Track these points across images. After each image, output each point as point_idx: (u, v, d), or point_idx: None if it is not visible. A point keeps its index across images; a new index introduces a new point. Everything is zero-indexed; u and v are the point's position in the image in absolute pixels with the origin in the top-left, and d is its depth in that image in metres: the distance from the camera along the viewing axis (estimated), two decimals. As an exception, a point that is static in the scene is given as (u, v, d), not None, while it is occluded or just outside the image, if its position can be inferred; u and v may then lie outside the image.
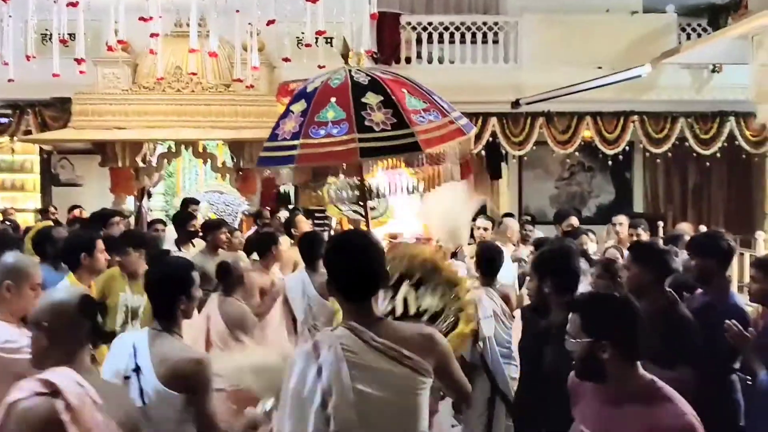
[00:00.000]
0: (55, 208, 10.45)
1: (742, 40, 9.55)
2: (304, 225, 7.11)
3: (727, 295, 3.73)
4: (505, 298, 4.70)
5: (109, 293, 4.58)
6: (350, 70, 3.77)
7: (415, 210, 6.92)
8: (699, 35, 11.59)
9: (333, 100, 3.56)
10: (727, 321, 3.26)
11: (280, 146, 3.57)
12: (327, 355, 2.15)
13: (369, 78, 3.68)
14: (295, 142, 3.50)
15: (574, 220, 7.28)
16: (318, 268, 4.85)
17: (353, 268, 2.25)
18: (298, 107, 3.64)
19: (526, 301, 4.46)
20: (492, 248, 4.95)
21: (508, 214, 8.85)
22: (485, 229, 6.89)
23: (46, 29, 8.38)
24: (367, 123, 3.48)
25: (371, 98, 3.54)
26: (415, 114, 3.53)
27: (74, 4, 6.55)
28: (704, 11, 12.00)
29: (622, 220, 6.97)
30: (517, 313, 4.14)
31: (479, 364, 4.45)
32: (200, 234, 6.56)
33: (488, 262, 4.76)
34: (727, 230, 5.73)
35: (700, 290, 3.83)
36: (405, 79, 3.87)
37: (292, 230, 6.96)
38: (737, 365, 3.51)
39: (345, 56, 3.85)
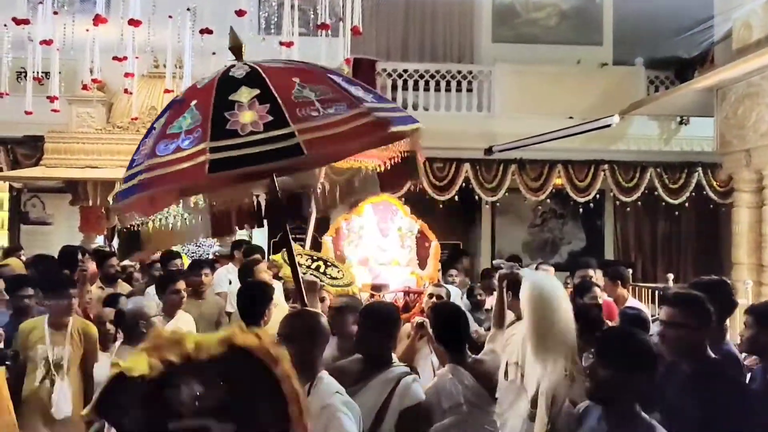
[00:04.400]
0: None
1: (708, 92, 9.83)
2: (264, 275, 5.60)
3: None
4: (483, 376, 3.60)
5: (26, 345, 4.39)
6: (232, 65, 2.93)
7: (406, 256, 6.15)
8: (666, 87, 11.91)
9: (193, 103, 2.71)
10: None
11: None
12: None
13: (248, 69, 2.81)
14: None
15: (591, 272, 6.50)
16: (260, 325, 3.94)
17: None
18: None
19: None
20: (450, 311, 3.93)
21: (514, 257, 8.35)
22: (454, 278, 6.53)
23: (22, 67, 8.39)
24: (229, 127, 2.58)
25: (243, 94, 2.66)
26: (304, 107, 2.61)
27: (48, 42, 6.58)
28: (672, 64, 12.36)
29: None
30: None
31: None
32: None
33: (448, 328, 3.71)
34: (697, 277, 5.72)
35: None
36: (308, 66, 3.04)
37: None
38: None
39: (235, 50, 2.99)
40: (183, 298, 5.12)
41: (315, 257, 5.56)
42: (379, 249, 6.24)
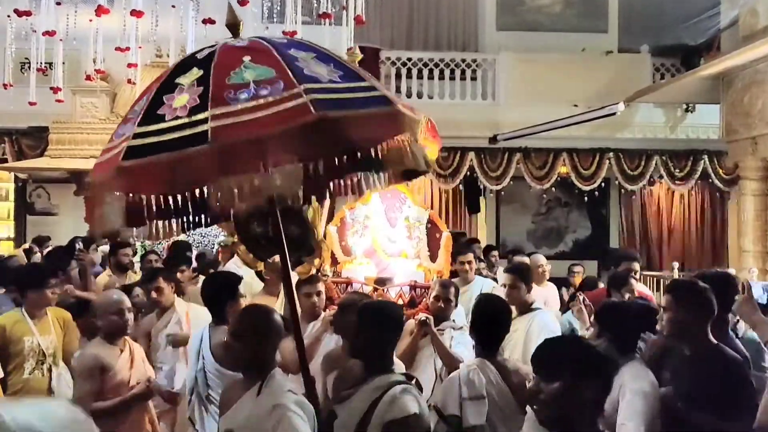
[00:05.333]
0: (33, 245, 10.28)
1: (714, 80, 9.77)
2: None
3: None
4: (511, 378, 3.32)
5: (9, 341, 4.29)
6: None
7: (414, 248, 5.64)
8: (672, 75, 11.84)
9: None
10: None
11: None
12: None
13: (211, 49, 2.63)
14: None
15: (636, 266, 6.14)
16: (226, 320, 3.73)
17: None
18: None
19: None
20: (497, 306, 3.62)
21: (517, 252, 8.50)
22: (469, 263, 6.08)
23: (25, 58, 8.39)
24: (159, 111, 2.40)
25: (190, 76, 2.49)
26: (233, 90, 2.38)
27: (51, 33, 6.58)
28: (677, 52, 12.28)
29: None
30: None
31: None
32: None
33: (487, 324, 3.47)
34: (702, 266, 5.75)
35: None
36: (299, 45, 2.71)
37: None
38: None
39: (232, 27, 2.80)
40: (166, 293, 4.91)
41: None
42: (387, 240, 5.71)
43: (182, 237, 9.34)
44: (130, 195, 2.33)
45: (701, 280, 3.32)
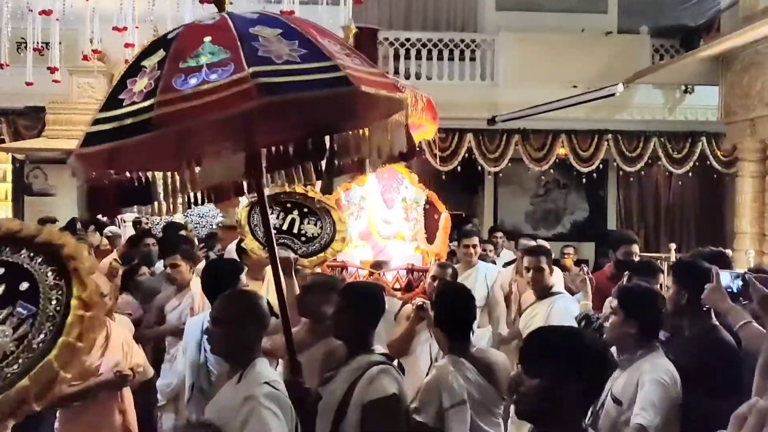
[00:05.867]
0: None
1: (713, 61, 9.73)
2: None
3: None
4: (488, 369, 3.16)
5: None
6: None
7: (411, 230, 5.48)
8: (672, 56, 11.79)
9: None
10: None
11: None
12: None
13: (180, 29, 2.53)
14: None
15: (634, 248, 6.49)
16: None
17: None
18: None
19: None
20: (457, 292, 3.46)
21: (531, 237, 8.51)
22: (474, 247, 5.84)
23: (22, 37, 8.34)
24: (120, 96, 2.31)
25: (154, 58, 2.40)
26: (184, 74, 2.29)
27: (48, 13, 6.54)
28: (677, 33, 12.22)
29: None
30: None
31: None
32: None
33: (452, 312, 3.27)
34: (699, 247, 5.74)
35: None
36: (243, 18, 2.56)
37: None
38: None
39: (218, 1, 2.66)
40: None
41: (291, 202, 4.64)
42: (383, 222, 5.51)
43: (178, 218, 9.36)
44: (89, 181, 2.34)
45: (695, 258, 3.37)
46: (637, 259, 5.30)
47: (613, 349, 3.03)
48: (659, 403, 2.77)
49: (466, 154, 11.52)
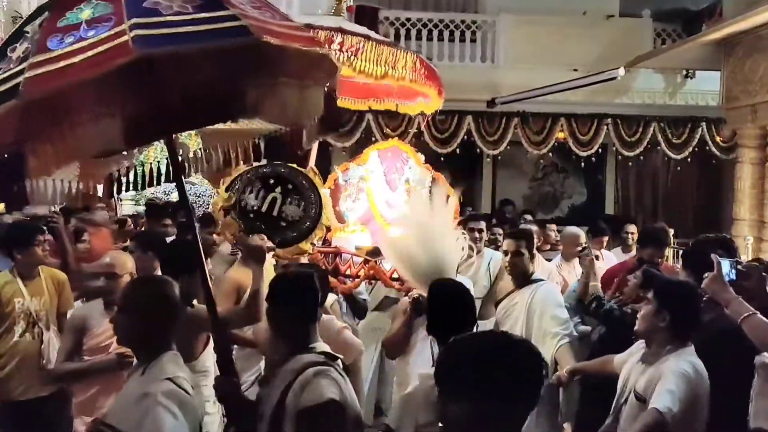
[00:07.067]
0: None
1: (715, 46, 9.66)
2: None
3: None
4: None
5: None
6: None
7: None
8: (674, 40, 11.71)
9: None
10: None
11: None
12: None
13: None
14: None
15: (631, 228, 6.08)
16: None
17: None
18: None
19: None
20: (449, 291, 3.05)
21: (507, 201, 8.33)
22: (480, 231, 5.48)
23: (15, 11, 8.22)
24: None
25: (40, 19, 2.20)
26: (60, 33, 2.08)
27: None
28: (679, 17, 12.13)
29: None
30: None
31: None
32: None
33: (443, 314, 2.90)
34: (697, 234, 5.67)
35: None
36: None
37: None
38: None
39: None
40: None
41: (275, 176, 4.24)
42: (386, 205, 5.05)
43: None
44: None
45: (699, 244, 3.33)
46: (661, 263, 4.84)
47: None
48: (679, 393, 2.65)
49: (466, 137, 11.46)
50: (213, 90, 2.08)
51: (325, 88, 2.41)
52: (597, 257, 4.76)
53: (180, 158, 2.60)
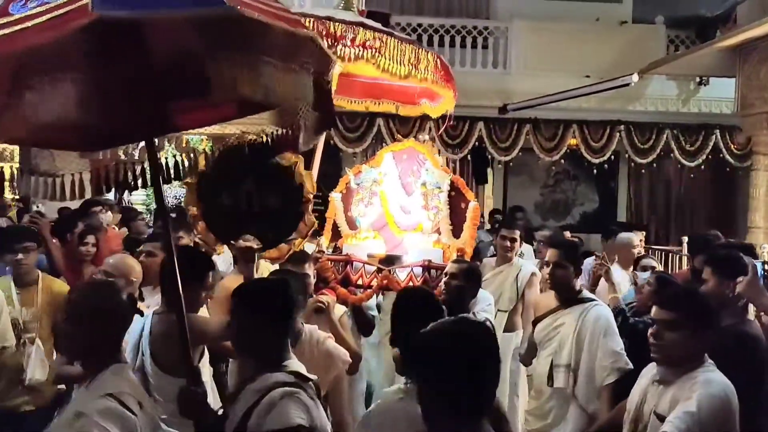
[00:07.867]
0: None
1: (730, 53, 9.56)
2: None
3: None
4: None
5: None
6: None
7: (430, 221, 4.72)
8: (687, 47, 11.62)
9: None
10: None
11: None
12: None
13: None
14: None
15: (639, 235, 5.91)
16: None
17: None
18: None
19: None
20: (418, 302, 2.83)
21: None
22: (512, 241, 5.05)
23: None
24: None
25: None
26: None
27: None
28: (693, 23, 12.04)
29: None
30: None
31: None
32: None
33: (409, 326, 2.35)
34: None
35: None
36: None
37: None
38: None
39: None
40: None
41: (240, 165, 3.94)
42: (401, 211, 4.78)
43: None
44: None
45: (729, 250, 3.31)
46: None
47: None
48: (700, 414, 2.36)
49: (477, 143, 11.40)
50: (186, 65, 1.87)
51: (314, 75, 2.22)
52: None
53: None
